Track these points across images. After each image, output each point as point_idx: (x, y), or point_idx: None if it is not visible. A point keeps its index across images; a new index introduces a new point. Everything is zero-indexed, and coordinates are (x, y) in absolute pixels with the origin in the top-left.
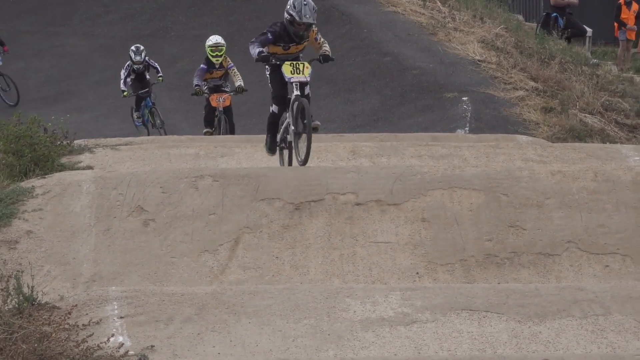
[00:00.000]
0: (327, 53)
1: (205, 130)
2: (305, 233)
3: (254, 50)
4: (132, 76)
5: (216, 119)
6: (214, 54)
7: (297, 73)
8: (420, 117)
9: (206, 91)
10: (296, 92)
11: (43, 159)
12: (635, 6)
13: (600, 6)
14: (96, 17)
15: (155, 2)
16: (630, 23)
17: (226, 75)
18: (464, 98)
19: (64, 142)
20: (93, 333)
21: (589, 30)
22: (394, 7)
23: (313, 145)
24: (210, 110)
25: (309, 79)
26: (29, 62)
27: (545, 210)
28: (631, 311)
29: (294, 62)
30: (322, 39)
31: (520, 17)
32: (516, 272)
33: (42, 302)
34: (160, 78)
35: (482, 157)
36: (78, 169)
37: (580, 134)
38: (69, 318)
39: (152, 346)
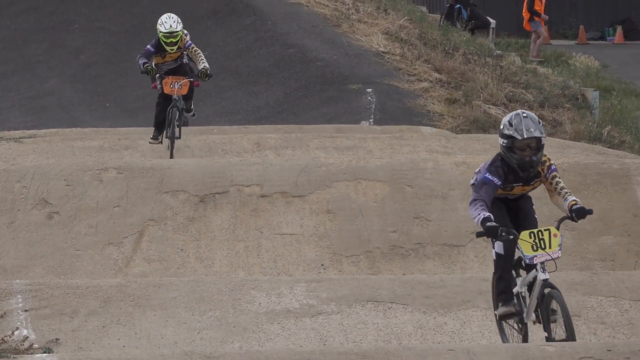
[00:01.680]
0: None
1: (150, 138)
2: (210, 225)
3: None
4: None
5: (169, 114)
6: (168, 42)
7: None
8: (325, 108)
9: (158, 72)
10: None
11: None
12: None
13: None
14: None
15: None
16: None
17: (182, 57)
18: (368, 90)
19: None
20: None
21: (493, 22)
22: None
23: (217, 137)
24: (163, 102)
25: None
26: None
27: (450, 202)
28: None
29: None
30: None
31: (424, 9)
32: (421, 263)
33: None
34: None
35: (386, 148)
36: None
37: (484, 125)
38: None
39: (57, 339)
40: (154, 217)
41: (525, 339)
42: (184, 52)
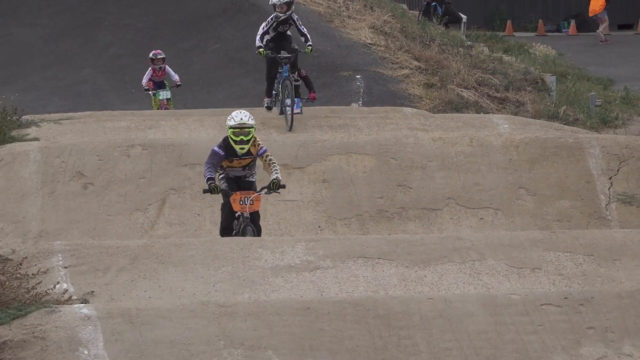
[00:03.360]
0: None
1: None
2: None
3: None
4: (272, 34)
5: (237, 225)
6: (238, 139)
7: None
8: (320, 92)
9: (224, 186)
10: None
11: None
12: None
13: None
14: (39, 9)
15: None
16: None
17: (253, 164)
18: (357, 76)
19: (14, 118)
20: (41, 281)
21: (464, 17)
22: None
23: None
24: (229, 215)
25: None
26: None
27: (429, 171)
28: (502, 257)
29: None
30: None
31: (405, 6)
32: (404, 225)
33: None
34: (310, 48)
35: (373, 126)
36: (26, 140)
37: (458, 106)
38: (20, 268)
39: (92, 292)
40: (174, 186)
41: None
42: (255, 160)
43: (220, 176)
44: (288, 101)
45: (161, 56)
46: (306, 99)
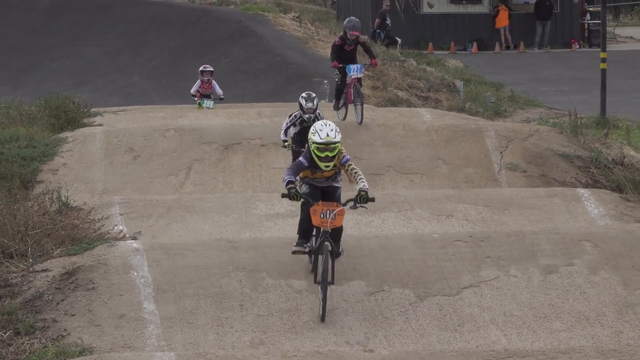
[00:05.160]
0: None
1: (294, 246)
2: (230, 163)
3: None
4: (297, 129)
5: (314, 238)
6: (323, 156)
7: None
8: (299, 92)
9: (305, 192)
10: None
11: (72, 120)
12: None
13: (406, 25)
14: (103, 34)
15: (136, 23)
16: None
17: (337, 175)
18: (325, 81)
19: (85, 110)
20: (104, 224)
21: (399, 40)
22: (281, 27)
23: (235, 110)
24: (309, 226)
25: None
26: (63, 63)
27: (375, 148)
28: (426, 207)
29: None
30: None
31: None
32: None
33: (73, 205)
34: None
35: (335, 116)
36: (93, 126)
37: (395, 102)
38: (89, 215)
39: (140, 232)
40: (197, 158)
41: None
42: (340, 171)
43: (288, 179)
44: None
45: (209, 69)
46: (368, 65)
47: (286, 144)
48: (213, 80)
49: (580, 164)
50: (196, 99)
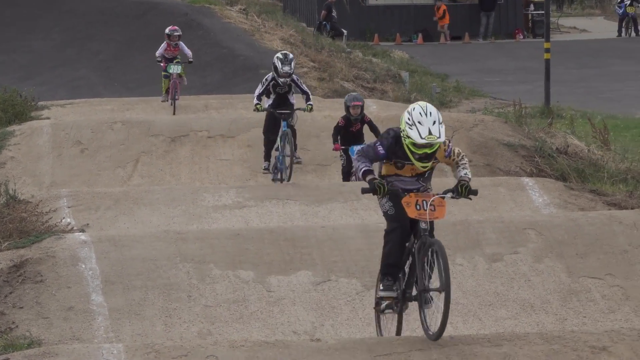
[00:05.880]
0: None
1: (383, 294)
2: (178, 155)
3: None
4: (271, 98)
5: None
6: (421, 153)
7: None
8: (246, 85)
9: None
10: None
11: (20, 114)
12: None
13: (352, 16)
14: (50, 28)
15: (83, 17)
16: None
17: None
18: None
19: (32, 103)
20: (52, 217)
21: (345, 32)
22: (228, 19)
23: (182, 102)
24: (398, 245)
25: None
26: (9, 56)
27: (321, 139)
28: (374, 198)
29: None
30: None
31: (304, 24)
32: (304, 176)
33: (21, 199)
34: (310, 106)
35: None
36: (41, 119)
37: (341, 93)
38: (37, 208)
39: (87, 224)
40: (144, 150)
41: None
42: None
43: (364, 167)
44: (287, 150)
45: (177, 33)
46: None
47: (257, 105)
48: (181, 43)
49: (525, 153)
50: (162, 64)
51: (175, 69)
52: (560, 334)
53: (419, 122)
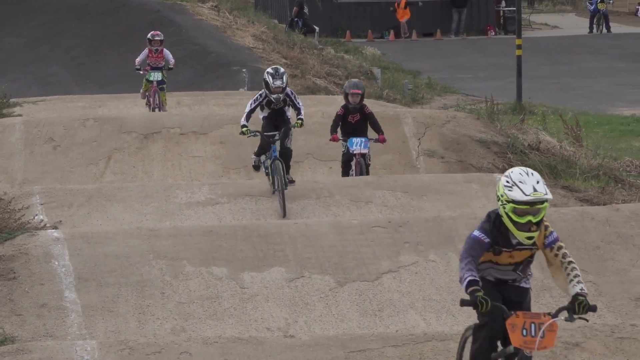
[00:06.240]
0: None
1: None
2: (150, 152)
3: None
4: (265, 113)
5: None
6: (524, 222)
7: None
8: (218, 81)
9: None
10: None
11: None
12: None
13: (324, 13)
14: (21, 24)
15: (55, 13)
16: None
17: (531, 259)
18: (243, 70)
19: (4, 101)
20: (25, 214)
21: (317, 28)
22: (200, 16)
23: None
24: (487, 346)
25: None
26: None
27: (294, 135)
28: (345, 194)
29: None
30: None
31: (276, 21)
32: None
33: None
34: (300, 122)
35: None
36: (13, 116)
37: (313, 90)
38: (9, 205)
39: (60, 221)
40: (117, 147)
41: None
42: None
43: (470, 277)
44: (277, 182)
45: (159, 38)
46: (375, 140)
47: (244, 129)
48: (165, 50)
49: (497, 149)
50: (141, 72)
51: (155, 76)
52: None
53: (521, 182)
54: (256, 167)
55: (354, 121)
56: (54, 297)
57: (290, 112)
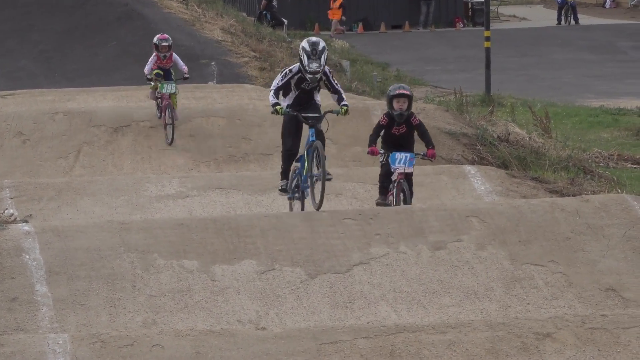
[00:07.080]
0: None
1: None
2: (120, 145)
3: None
4: (293, 94)
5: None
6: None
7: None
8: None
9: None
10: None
11: None
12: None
13: (292, 6)
14: None
15: (22, 7)
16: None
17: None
18: (212, 63)
19: None
20: None
21: (286, 21)
22: (168, 9)
23: (123, 93)
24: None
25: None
26: None
27: (263, 128)
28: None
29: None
30: None
31: (245, 14)
32: (247, 165)
33: None
34: (345, 108)
35: (224, 97)
36: None
37: None
38: None
39: (30, 215)
40: (86, 141)
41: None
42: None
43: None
44: (315, 169)
45: (167, 43)
46: (422, 155)
47: (277, 107)
48: (174, 54)
49: (467, 141)
50: (152, 83)
51: (168, 88)
52: (505, 321)
53: None
54: (284, 190)
55: (398, 133)
56: (25, 290)
57: (319, 97)
